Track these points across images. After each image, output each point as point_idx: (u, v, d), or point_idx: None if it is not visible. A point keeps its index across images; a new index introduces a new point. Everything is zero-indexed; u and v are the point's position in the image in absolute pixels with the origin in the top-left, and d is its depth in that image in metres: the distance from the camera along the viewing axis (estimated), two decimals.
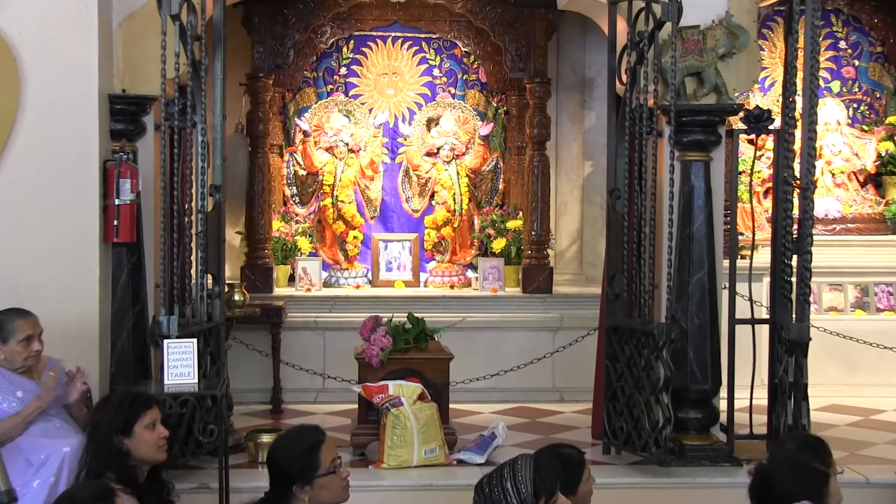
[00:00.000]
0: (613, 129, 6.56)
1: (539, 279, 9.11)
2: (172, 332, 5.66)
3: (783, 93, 6.40)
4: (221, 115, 6.21)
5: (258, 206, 9.05)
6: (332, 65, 9.86)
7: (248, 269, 8.99)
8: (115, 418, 4.17)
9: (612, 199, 6.50)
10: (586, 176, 10.14)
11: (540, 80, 9.14)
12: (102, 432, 4.15)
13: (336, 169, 9.61)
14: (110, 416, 4.18)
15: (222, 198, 6.19)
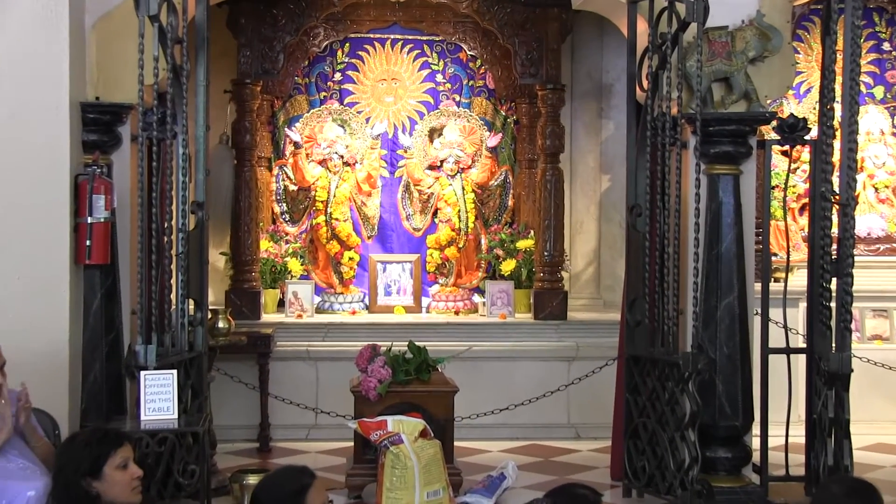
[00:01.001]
0: (633, 140, 6.55)
1: (552, 304, 9.09)
2: (150, 362, 5.64)
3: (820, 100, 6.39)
4: (204, 126, 6.21)
5: (244, 225, 9.04)
6: (326, 70, 9.87)
7: (234, 293, 8.97)
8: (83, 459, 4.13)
9: (633, 216, 6.49)
10: (604, 191, 10.13)
11: (553, 87, 9.15)
12: (69, 475, 4.11)
13: (330, 184, 9.61)
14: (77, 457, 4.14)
15: (205, 216, 6.18)
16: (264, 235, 9.46)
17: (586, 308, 9.82)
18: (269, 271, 9.38)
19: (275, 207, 9.69)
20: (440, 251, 9.73)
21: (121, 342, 6.13)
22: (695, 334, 6.04)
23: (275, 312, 9.35)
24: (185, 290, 5.93)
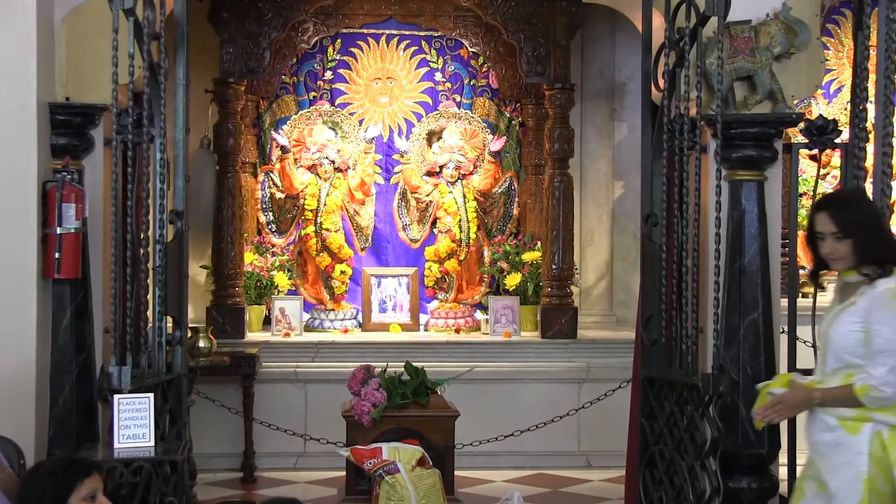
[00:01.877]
0: (649, 144, 6.53)
1: (561, 322, 9.07)
2: (124, 385, 5.61)
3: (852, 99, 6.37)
4: (184, 128, 6.19)
5: (227, 236, 9.03)
6: (316, 68, 9.87)
7: (216, 310, 8.96)
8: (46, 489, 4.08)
9: (648, 226, 6.46)
10: (617, 199, 10.12)
11: (561, 86, 9.14)
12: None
13: (320, 191, 9.60)
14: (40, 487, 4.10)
15: (185, 226, 6.16)
16: (249, 247, 9.45)
17: (598, 326, 9.80)
18: (254, 286, 9.36)
19: (260, 217, 9.68)
20: (439, 264, 9.72)
21: (92, 363, 6.10)
22: (716, 354, 6.01)
23: (260, 331, 9.33)
24: (163, 306, 5.90)
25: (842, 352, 4.49)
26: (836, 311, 4.56)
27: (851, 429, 4.44)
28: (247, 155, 9.51)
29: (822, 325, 4.63)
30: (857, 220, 4.52)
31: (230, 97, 9.04)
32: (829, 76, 9.46)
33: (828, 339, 4.55)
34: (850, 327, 4.46)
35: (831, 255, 4.55)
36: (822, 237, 4.54)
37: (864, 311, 4.44)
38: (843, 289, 4.62)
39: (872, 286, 4.46)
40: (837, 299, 4.64)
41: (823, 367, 4.59)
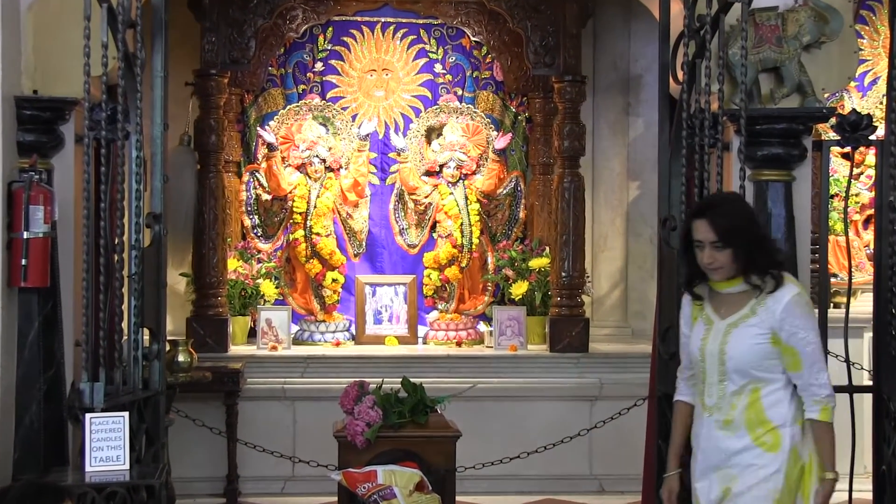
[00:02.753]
0: (666, 141, 6.52)
1: (571, 334, 9.06)
2: (97, 403, 5.60)
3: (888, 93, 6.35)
4: (162, 124, 6.18)
5: (209, 241, 9.02)
6: (305, 59, 9.87)
7: (197, 321, 8.95)
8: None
9: (666, 230, 6.45)
10: (632, 201, 10.11)
11: (571, 79, 9.14)
12: None
13: (310, 193, 9.59)
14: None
15: (163, 230, 6.15)
16: (232, 253, 9.44)
17: (611, 338, 9.78)
18: (239, 295, 9.35)
19: (245, 220, 9.67)
20: (439, 272, 9.71)
21: (62, 379, 6.09)
22: None
23: (245, 344, 9.32)
24: (139, 317, 5.89)
25: (747, 367, 4.56)
26: (725, 325, 4.63)
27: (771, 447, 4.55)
28: (230, 153, 9.51)
29: (704, 343, 4.67)
30: (739, 228, 4.58)
31: (212, 90, 9.03)
32: (862, 67, 9.44)
33: (723, 357, 4.60)
34: (755, 340, 4.54)
35: (711, 265, 4.59)
36: (701, 245, 4.60)
37: (770, 323, 4.53)
38: (721, 300, 4.68)
39: (773, 297, 4.54)
40: (711, 312, 4.70)
41: (720, 388, 4.63)
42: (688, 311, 4.83)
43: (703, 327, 4.69)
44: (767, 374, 4.56)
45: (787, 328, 4.50)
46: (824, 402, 4.54)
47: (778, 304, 4.52)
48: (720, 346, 4.59)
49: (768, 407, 4.56)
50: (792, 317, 4.51)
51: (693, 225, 4.63)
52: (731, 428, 4.57)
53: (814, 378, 4.53)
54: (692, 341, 4.73)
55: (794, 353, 4.53)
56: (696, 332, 4.73)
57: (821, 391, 4.54)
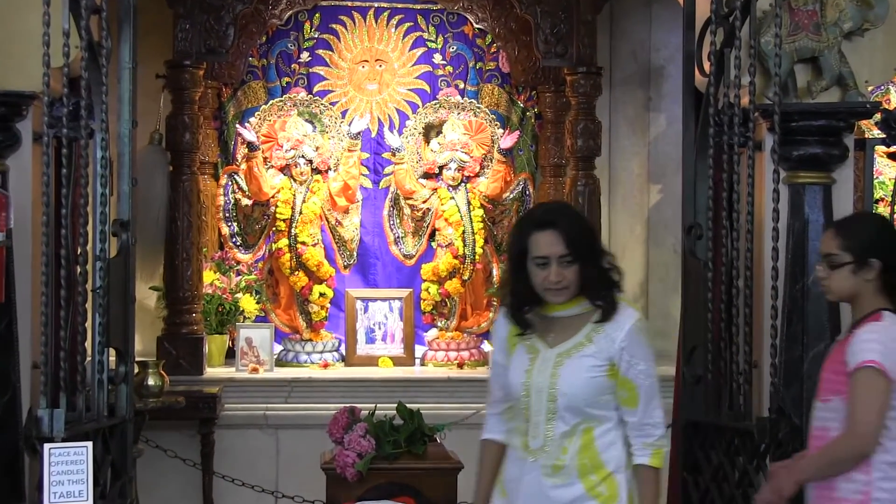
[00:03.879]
0: (692, 140, 6.52)
1: None
2: (57, 432, 5.59)
3: None
4: (131, 121, 6.18)
5: (183, 251, 9.02)
6: (290, 48, 9.87)
7: (169, 340, 8.94)
8: None
9: (691, 239, 6.45)
10: (653, 206, 10.10)
11: (586, 70, 9.14)
12: None
13: (294, 197, 9.58)
14: None
15: (131, 239, 6.14)
16: (209, 265, 9.43)
17: None
18: (215, 311, 9.34)
19: (223, 228, 9.66)
20: (439, 285, 9.70)
21: (18, 405, 6.08)
22: (774, 394, 5.99)
23: (222, 365, 9.31)
24: (104, 336, 5.88)
25: (581, 404, 4.31)
26: (554, 355, 4.36)
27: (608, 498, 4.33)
28: (206, 153, 9.50)
29: (529, 376, 4.37)
30: (587, 240, 4.38)
31: (186, 83, 9.02)
32: None
33: (553, 393, 4.31)
34: (591, 373, 4.32)
35: (558, 284, 4.30)
36: (545, 262, 4.30)
37: (609, 352, 4.32)
38: (548, 325, 4.43)
39: (614, 322, 4.35)
40: (536, 339, 4.44)
41: (548, 429, 4.35)
42: (503, 336, 4.51)
43: (527, 357, 4.41)
44: (602, 411, 4.33)
45: (627, 358, 4.32)
46: (657, 444, 4.37)
47: (619, 330, 4.33)
48: (550, 381, 4.32)
49: (603, 450, 4.34)
50: (633, 345, 4.34)
51: (533, 239, 4.31)
52: (561, 475, 4.31)
53: (649, 416, 4.36)
54: (512, 374, 4.41)
55: (631, 387, 4.33)
56: (516, 363, 4.42)
57: (655, 431, 4.37)
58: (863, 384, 4.53)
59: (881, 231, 4.82)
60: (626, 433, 4.37)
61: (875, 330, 4.61)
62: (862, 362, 4.53)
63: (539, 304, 4.39)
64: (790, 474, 4.76)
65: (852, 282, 4.69)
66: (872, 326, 4.62)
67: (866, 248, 4.68)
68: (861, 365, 4.53)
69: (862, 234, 4.74)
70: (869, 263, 4.66)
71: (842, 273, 4.70)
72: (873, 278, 4.68)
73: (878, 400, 4.52)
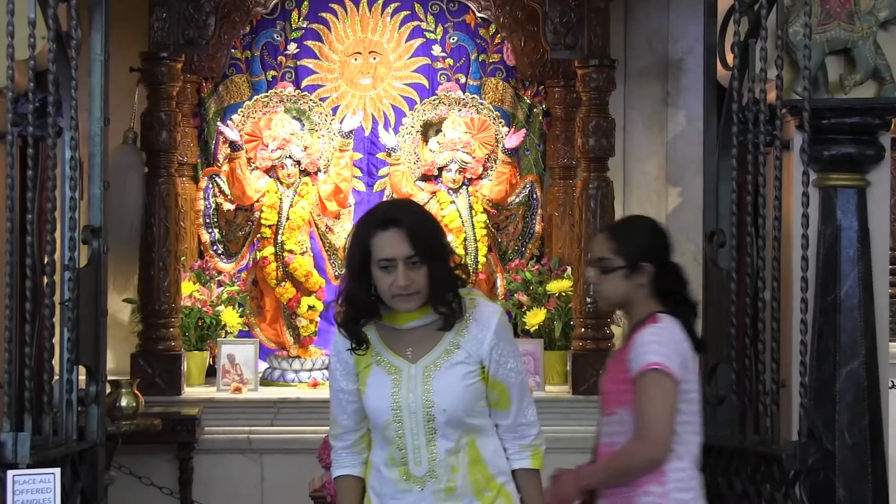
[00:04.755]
0: (713, 139, 6.53)
1: (599, 373, 9.01)
2: (22, 457, 5.58)
3: None
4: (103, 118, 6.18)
5: (159, 260, 9.00)
6: (276, 39, 9.87)
7: (144, 357, 8.92)
8: None
9: (713, 247, 6.45)
10: (671, 211, 10.10)
11: (598, 63, 9.13)
12: None
13: (281, 201, 9.58)
14: None
15: (103, 247, 6.14)
16: (188, 275, 9.42)
17: None
18: (195, 326, 9.33)
19: (203, 235, 9.65)
20: None
21: None
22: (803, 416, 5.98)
23: (202, 385, 9.30)
24: (73, 353, 5.87)
25: (462, 416, 4.28)
26: (420, 370, 4.28)
27: None
28: (185, 153, 9.49)
29: (396, 397, 4.28)
30: (434, 238, 4.28)
31: (163, 77, 9.01)
32: None
33: (429, 411, 4.26)
34: (466, 381, 4.28)
35: (407, 289, 4.20)
36: (390, 266, 4.20)
37: (479, 354, 4.29)
38: (400, 339, 4.34)
39: (477, 321, 4.30)
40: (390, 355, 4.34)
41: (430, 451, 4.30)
42: (348, 360, 4.39)
43: (388, 378, 4.31)
44: (480, 419, 4.33)
45: (496, 358, 4.29)
46: (535, 444, 4.42)
47: (485, 329, 4.29)
48: (423, 398, 4.26)
49: (490, 461, 4.34)
50: (502, 343, 4.30)
51: (376, 240, 4.21)
52: (455, 497, 4.28)
53: (522, 416, 4.38)
54: (373, 399, 4.31)
55: (502, 388, 4.32)
56: (375, 387, 4.32)
57: (530, 431, 4.41)
58: (649, 388, 4.70)
59: (654, 235, 5.03)
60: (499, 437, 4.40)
61: (655, 332, 4.79)
62: (646, 365, 4.70)
63: (378, 315, 4.31)
64: (576, 479, 4.92)
65: (625, 287, 4.90)
66: (651, 329, 4.80)
67: (639, 253, 4.89)
68: (645, 368, 4.70)
69: (634, 238, 4.95)
70: (641, 268, 4.88)
71: (614, 278, 4.89)
72: (646, 283, 4.89)
73: (667, 402, 4.71)
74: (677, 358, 4.76)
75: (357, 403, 4.40)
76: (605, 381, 5.06)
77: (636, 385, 4.74)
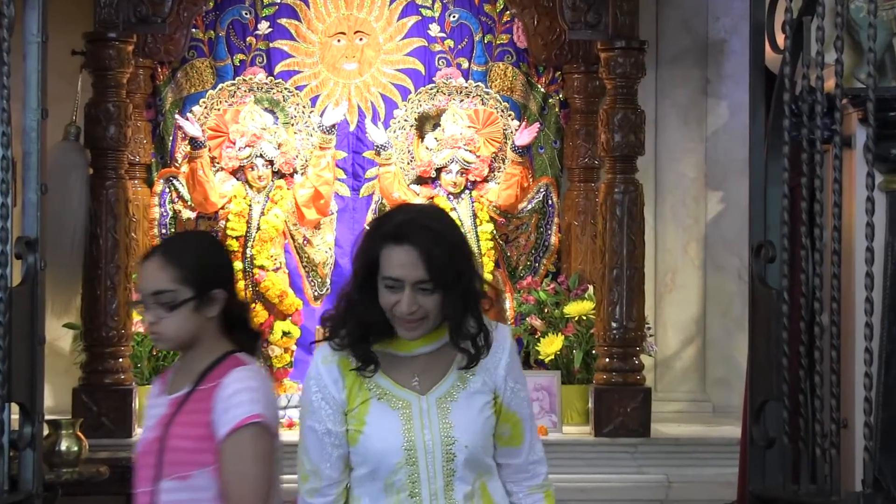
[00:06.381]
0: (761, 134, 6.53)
1: (626, 411, 9.05)
2: None
3: None
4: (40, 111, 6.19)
5: (106, 278, 9.01)
6: (244, 17, 9.89)
7: (88, 393, 8.93)
8: None
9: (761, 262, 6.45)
10: (711, 219, 10.12)
11: (626, 45, 9.14)
12: None
13: (251, 208, 9.59)
14: None
15: (40, 262, 6.15)
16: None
17: (683, 417, 9.79)
18: (148, 356, 9.34)
19: None
20: None
21: None
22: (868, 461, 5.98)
23: None
24: (5, 388, 5.88)
25: (482, 454, 4.28)
26: (434, 402, 4.24)
27: None
28: (137, 152, 9.51)
29: (409, 435, 4.23)
30: (458, 262, 4.18)
31: (111, 62, 9.02)
32: None
33: (450, 448, 4.22)
34: (485, 413, 4.25)
35: (412, 316, 4.14)
36: (397, 286, 4.14)
37: (494, 382, 4.26)
38: (406, 367, 4.29)
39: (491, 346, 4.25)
40: (393, 386, 4.28)
41: (448, 495, 4.25)
42: (337, 395, 4.30)
43: (394, 413, 4.25)
44: (490, 458, 4.32)
45: (511, 385, 4.28)
46: (546, 484, 4.42)
47: (499, 351, 4.27)
48: (442, 434, 4.22)
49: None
50: (515, 369, 4.30)
51: (386, 253, 4.14)
52: None
53: (534, 453, 4.38)
54: (377, 440, 4.23)
55: (515, 420, 4.31)
56: (378, 424, 4.25)
57: (541, 469, 4.40)
58: (247, 445, 4.47)
59: (218, 253, 4.81)
60: (503, 479, 4.37)
61: (243, 378, 4.52)
62: (242, 420, 4.43)
63: (391, 335, 4.24)
64: None
65: (194, 323, 4.56)
66: (238, 375, 4.51)
67: (210, 278, 4.57)
68: (241, 423, 4.43)
69: (199, 259, 4.61)
70: (212, 296, 4.54)
71: (182, 313, 4.54)
72: (217, 314, 4.58)
73: (268, 462, 4.53)
74: (273, 409, 4.55)
75: (343, 449, 4.31)
76: (164, 436, 4.61)
77: (227, 443, 4.46)
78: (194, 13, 9.61)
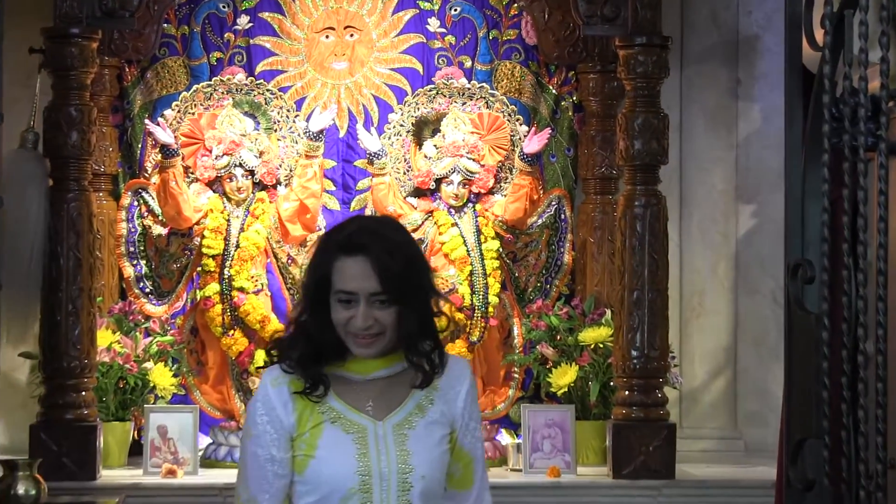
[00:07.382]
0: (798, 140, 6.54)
1: (648, 450, 9.05)
2: None
3: None
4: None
5: (67, 301, 9.01)
6: (222, 11, 9.90)
7: (48, 430, 8.92)
8: None
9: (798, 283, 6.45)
10: (743, 236, 10.13)
11: (646, 43, 9.15)
12: None
13: (229, 224, 9.59)
14: None
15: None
16: (105, 321, 9.42)
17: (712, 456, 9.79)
18: (115, 389, 9.33)
19: (126, 268, 9.67)
20: None
21: None
22: None
23: (124, 466, 9.31)
24: None
25: (437, 487, 4.32)
26: (390, 428, 4.29)
27: None
28: (102, 161, 9.52)
29: (364, 461, 4.26)
30: (413, 273, 4.29)
31: (73, 61, 9.03)
32: None
33: (406, 477, 4.26)
34: (442, 445, 4.33)
35: (368, 331, 4.23)
36: (351, 300, 4.23)
37: (452, 415, 4.35)
38: (362, 391, 4.33)
39: (448, 376, 4.34)
40: (348, 410, 4.32)
41: None
42: (285, 419, 4.33)
43: (348, 437, 4.30)
44: (441, 497, 4.37)
45: (467, 420, 4.37)
46: None
47: (460, 386, 4.37)
48: (399, 461, 4.28)
49: None
50: (472, 404, 4.40)
51: (338, 266, 4.24)
52: None
53: (481, 499, 4.45)
54: (330, 465, 4.28)
55: (468, 460, 4.39)
56: (331, 449, 4.30)
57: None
58: None
59: None
60: None
61: None
62: None
63: (344, 358, 4.32)
64: None
65: None
66: None
67: None
68: None
69: None
70: None
71: None
72: None
73: None
74: None
75: (286, 479, 4.33)
76: None
77: None
78: (166, 6, 9.62)
